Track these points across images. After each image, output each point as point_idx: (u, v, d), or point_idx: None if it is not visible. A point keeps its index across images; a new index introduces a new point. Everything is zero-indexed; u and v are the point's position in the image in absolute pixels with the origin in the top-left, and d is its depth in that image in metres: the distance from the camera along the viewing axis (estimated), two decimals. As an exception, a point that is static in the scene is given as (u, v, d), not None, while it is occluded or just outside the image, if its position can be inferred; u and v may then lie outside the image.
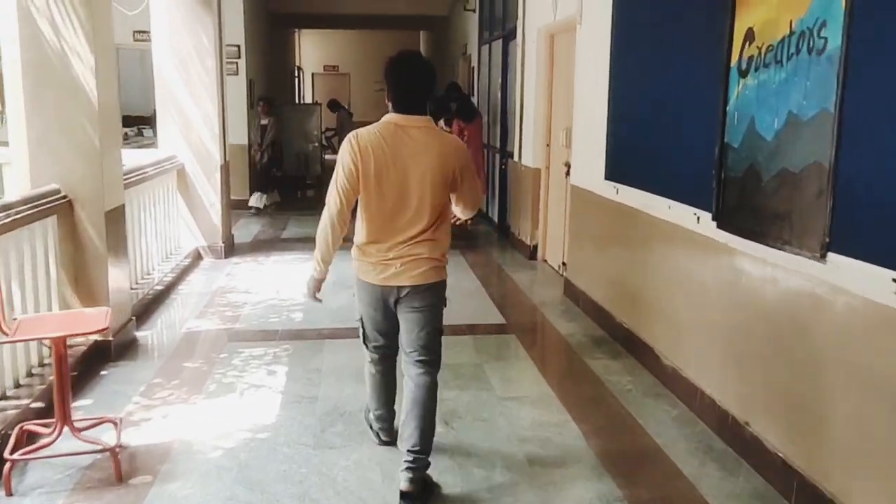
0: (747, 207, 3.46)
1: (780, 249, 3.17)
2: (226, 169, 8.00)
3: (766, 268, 3.30)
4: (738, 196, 3.54)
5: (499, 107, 9.49)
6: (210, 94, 7.38)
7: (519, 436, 3.71)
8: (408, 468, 3.09)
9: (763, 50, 3.36)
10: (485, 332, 5.40)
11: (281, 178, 12.97)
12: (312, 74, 21.86)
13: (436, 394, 3.20)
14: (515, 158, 8.38)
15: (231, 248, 7.97)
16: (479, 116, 9.88)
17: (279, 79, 16.26)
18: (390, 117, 3.08)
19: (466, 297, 6.36)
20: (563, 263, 6.98)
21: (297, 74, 20.27)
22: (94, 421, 3.58)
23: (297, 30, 20.39)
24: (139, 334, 5.20)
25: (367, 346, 3.40)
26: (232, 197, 10.58)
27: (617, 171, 5.18)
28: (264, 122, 10.91)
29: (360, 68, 22.09)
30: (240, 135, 10.83)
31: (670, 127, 4.33)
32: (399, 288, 3.10)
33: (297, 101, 19.63)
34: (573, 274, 6.26)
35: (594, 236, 5.73)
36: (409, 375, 3.20)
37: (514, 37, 8.43)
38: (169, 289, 6.37)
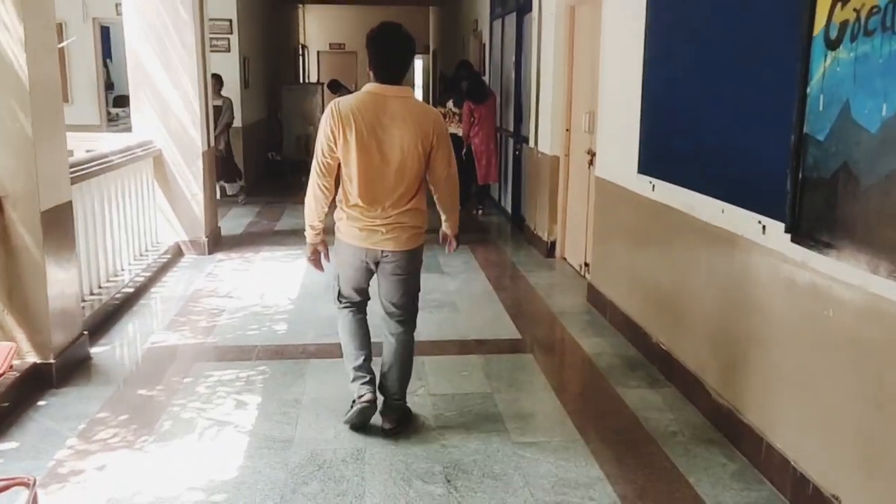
0: (838, 219, 2.66)
1: (892, 279, 2.39)
2: (210, 155, 7.23)
3: (868, 300, 2.52)
4: (824, 203, 2.74)
5: (512, 87, 8.67)
6: (189, 72, 6.60)
7: (539, 500, 2.96)
8: (389, 410, 3.50)
9: (864, 13, 2.55)
10: (497, 351, 4.64)
11: (280, 162, 12.25)
12: (318, 53, 21.02)
13: (413, 348, 3.54)
14: (531, 144, 7.58)
15: (216, 243, 7.22)
16: (491, 97, 9.08)
17: (281, 57, 15.46)
18: (370, 87, 3.22)
19: (477, 304, 5.60)
20: (586, 264, 6.19)
21: (301, 52, 19.43)
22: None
23: (300, 5, 19.53)
24: (94, 351, 4.47)
25: (339, 303, 3.52)
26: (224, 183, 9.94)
27: (653, 163, 4.38)
28: (216, 102, 9.13)
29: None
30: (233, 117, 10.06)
31: (725, 113, 3.52)
32: (383, 252, 3.30)
33: (301, 79, 18.81)
34: (598, 278, 5.48)
35: (624, 238, 4.94)
36: (389, 333, 3.48)
37: (530, 9, 7.59)
38: (139, 292, 5.64)
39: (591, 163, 5.98)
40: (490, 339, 4.86)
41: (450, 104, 10.21)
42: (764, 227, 3.13)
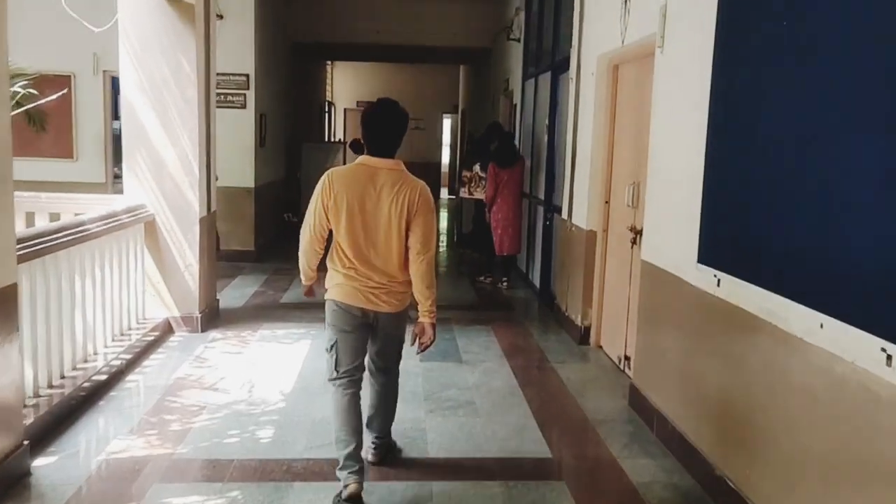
0: None
1: None
2: (210, 220, 6.57)
3: None
4: None
5: (544, 152, 7.98)
6: (190, 130, 5.98)
7: None
8: (375, 447, 3.82)
9: None
10: (522, 476, 3.79)
11: (297, 223, 11.60)
12: (345, 110, 20.66)
13: (397, 389, 3.83)
14: (564, 215, 6.82)
15: (212, 319, 6.50)
16: (520, 162, 8.42)
17: (305, 114, 15.02)
18: (363, 159, 3.44)
19: (499, 406, 4.77)
20: (626, 357, 5.36)
21: (327, 110, 19.07)
22: None
23: (329, 62, 19.26)
24: (37, 463, 3.72)
25: (337, 373, 3.54)
26: (234, 247, 9.32)
27: (719, 253, 3.58)
28: None
29: (396, 105, 20.83)
30: (245, 176, 9.48)
31: (829, 192, 2.72)
32: (377, 313, 3.48)
33: (326, 138, 18.40)
34: (643, 379, 4.64)
35: (677, 337, 4.12)
36: (376, 382, 3.75)
37: (566, 68, 6.94)
38: (112, 380, 4.91)
39: (634, 242, 5.20)
40: (514, 458, 4.01)
41: (476, 167, 9.58)
42: (890, 356, 2.31)
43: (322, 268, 3.57)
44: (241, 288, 8.07)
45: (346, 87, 20.47)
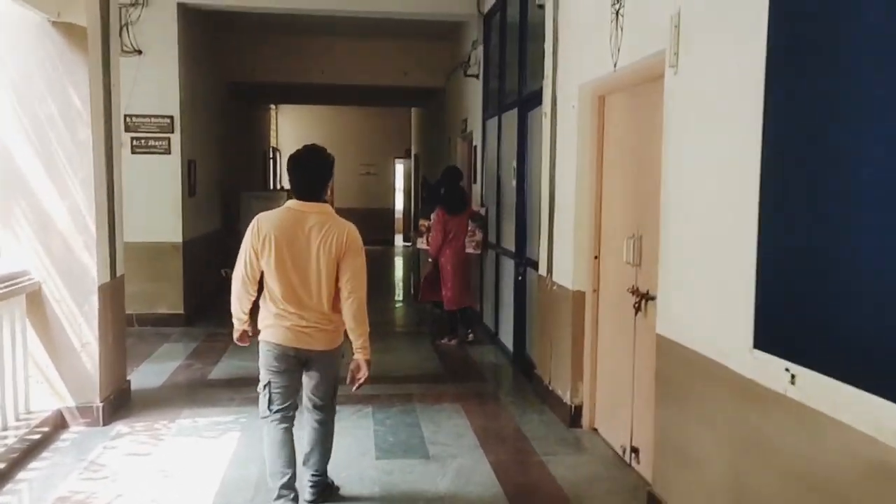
0: None
1: None
2: (114, 287, 5.41)
3: None
4: None
5: (512, 197, 7.03)
6: (83, 178, 4.86)
7: None
8: (312, 485, 3.84)
9: None
10: None
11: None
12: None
13: (332, 428, 3.90)
14: (541, 271, 5.84)
15: (119, 407, 5.30)
16: (468, 211, 7.64)
17: (246, 160, 13.91)
18: (290, 203, 3.60)
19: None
20: (634, 450, 4.34)
21: (272, 156, 17.99)
22: None
23: (273, 106, 18.23)
24: None
25: (271, 413, 3.62)
26: (160, 311, 8.14)
27: (794, 337, 2.59)
28: None
29: (345, 149, 19.72)
30: (171, 230, 8.30)
31: None
32: (308, 351, 3.59)
33: (271, 185, 17.28)
34: (666, 488, 3.61)
35: (721, 442, 3.11)
36: (311, 420, 3.82)
37: (537, 103, 6.04)
38: (-34, 509, 3.70)
39: (639, 307, 4.23)
40: None
41: (433, 216, 8.59)
42: None
43: (256, 311, 3.66)
44: (163, 361, 6.85)
45: (292, 132, 19.41)
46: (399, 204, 20.34)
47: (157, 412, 5.35)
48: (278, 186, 18.26)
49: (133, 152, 8.16)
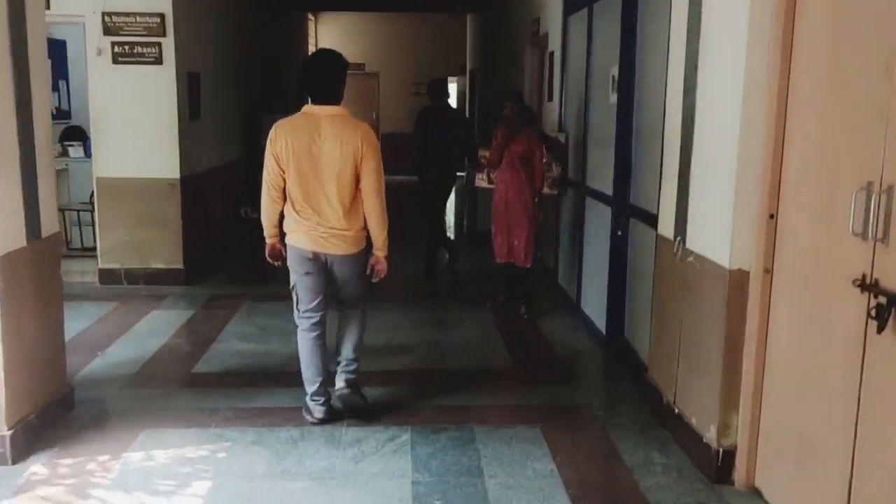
0: None
1: None
2: (39, 255, 3.68)
3: None
4: None
5: (611, 120, 5.05)
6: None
7: None
8: (343, 371, 3.91)
9: None
10: None
11: (257, 222, 8.68)
12: (333, 74, 17.65)
13: (363, 321, 3.95)
14: (664, 230, 3.92)
15: (44, 433, 3.64)
16: (528, 131, 5.78)
17: (279, 78, 12.03)
18: (306, 108, 3.67)
19: None
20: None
21: (311, 74, 16.04)
22: None
23: (312, 16, 16.20)
24: None
25: (299, 313, 3.80)
26: (154, 265, 6.52)
27: None
28: None
29: (392, 66, 17.78)
30: (166, 163, 6.55)
31: None
32: (328, 255, 3.67)
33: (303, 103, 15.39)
34: None
35: None
36: (344, 314, 3.92)
37: (659, -22, 4.02)
38: None
39: (877, 314, 2.32)
40: None
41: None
42: None
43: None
44: (142, 338, 5.20)
45: (333, 46, 17.36)
46: (453, 127, 18.31)
47: (103, 437, 3.69)
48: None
49: (115, 61, 6.38)
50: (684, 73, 3.64)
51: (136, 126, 6.45)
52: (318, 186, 3.56)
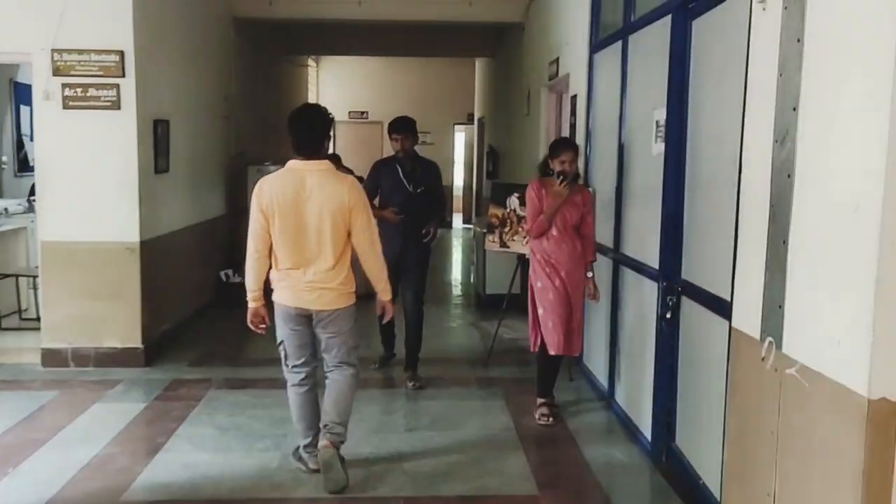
0: None
1: None
2: None
3: None
4: None
5: (654, 173, 4.07)
6: None
7: None
8: (327, 432, 3.66)
9: None
10: None
11: (239, 286, 7.70)
12: (335, 123, 16.89)
13: (354, 384, 3.79)
14: (747, 326, 2.88)
15: None
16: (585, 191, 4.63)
17: (274, 127, 11.17)
18: (291, 163, 3.63)
19: None
20: None
21: (311, 122, 15.23)
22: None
23: (311, 62, 15.47)
24: None
25: (288, 368, 3.79)
26: (108, 344, 5.52)
27: None
28: None
29: (397, 115, 16.98)
30: (124, 224, 5.59)
31: None
32: (315, 311, 3.64)
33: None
34: None
35: None
36: (331, 378, 3.77)
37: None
38: None
39: None
40: None
41: (513, 202, 5.73)
42: None
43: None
44: (70, 446, 4.15)
45: (336, 94, 16.66)
46: (459, 179, 17.42)
47: None
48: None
49: (65, 106, 5.47)
50: (775, 115, 2.66)
51: (88, 181, 5.52)
52: (304, 241, 3.55)
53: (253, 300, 3.68)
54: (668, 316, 3.88)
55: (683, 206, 3.82)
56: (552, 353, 4.51)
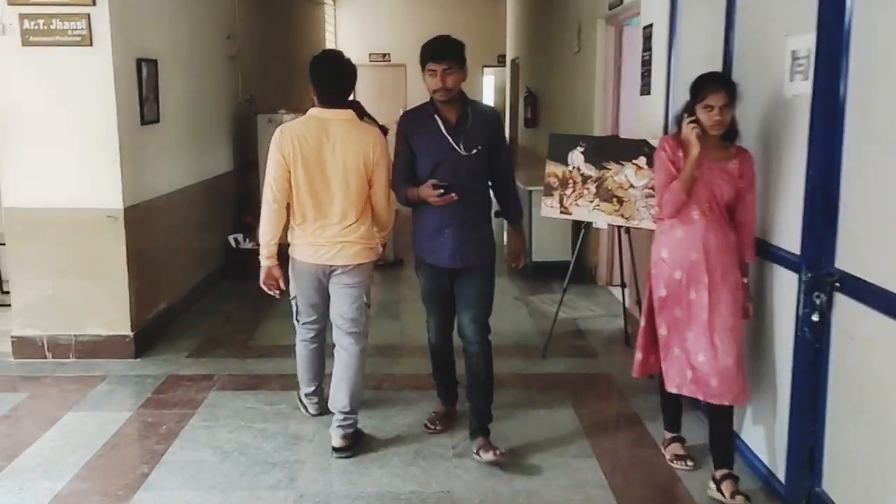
0: None
1: None
2: None
3: None
4: None
5: (794, 127, 2.99)
6: None
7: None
8: (339, 426, 3.46)
9: None
10: None
11: (251, 253, 6.75)
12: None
13: (364, 361, 3.54)
14: None
15: None
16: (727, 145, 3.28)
17: (288, 71, 10.09)
18: (314, 111, 3.42)
19: None
20: None
21: (328, 66, 14.08)
22: None
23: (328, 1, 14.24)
24: None
25: (298, 323, 3.69)
26: (90, 332, 4.58)
27: None
28: None
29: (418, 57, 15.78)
30: (103, 187, 4.61)
31: None
32: (332, 266, 3.44)
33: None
34: None
35: None
36: (339, 345, 3.54)
37: None
38: None
39: None
40: None
41: (576, 157, 4.70)
42: None
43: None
44: (22, 477, 3.24)
45: (355, 35, 15.44)
46: (489, 125, 16.22)
47: None
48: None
49: (25, 43, 4.45)
50: None
51: (57, 136, 4.53)
52: (325, 194, 3.38)
53: (267, 257, 3.46)
54: (815, 319, 2.85)
55: (839, 167, 2.76)
56: (667, 389, 3.27)
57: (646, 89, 5.00)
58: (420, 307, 3.76)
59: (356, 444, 3.49)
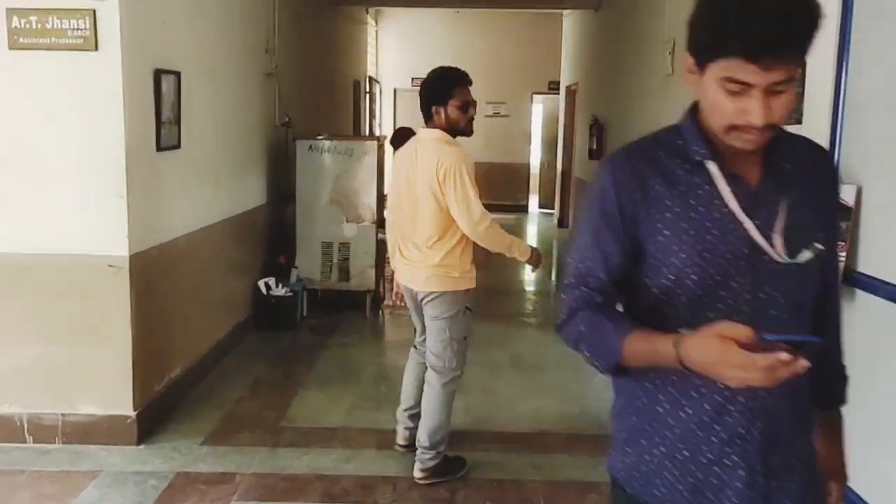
0: None
1: None
2: None
3: None
4: None
5: None
6: None
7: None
8: (418, 459, 3.45)
9: None
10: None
11: (287, 300, 5.77)
12: (395, 91, 14.73)
13: (446, 398, 3.42)
14: None
15: None
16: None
17: (327, 93, 9.20)
18: (419, 131, 3.54)
19: None
20: None
21: (367, 89, 13.24)
22: None
23: (369, 20, 13.41)
24: None
25: (415, 333, 3.71)
26: (76, 411, 3.57)
27: None
28: None
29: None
30: (103, 230, 3.65)
31: None
32: (413, 290, 3.43)
33: (363, 129, 12.60)
34: None
35: None
36: (426, 377, 3.51)
37: None
38: None
39: None
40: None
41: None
42: None
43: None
44: None
45: (398, 57, 14.59)
46: (535, 157, 15.22)
47: None
48: (373, 130, 13.63)
49: (13, 46, 3.53)
50: None
51: (47, 163, 3.59)
52: (409, 213, 3.41)
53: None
54: None
55: None
56: None
57: (795, 118, 3.94)
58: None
59: (441, 472, 3.46)
